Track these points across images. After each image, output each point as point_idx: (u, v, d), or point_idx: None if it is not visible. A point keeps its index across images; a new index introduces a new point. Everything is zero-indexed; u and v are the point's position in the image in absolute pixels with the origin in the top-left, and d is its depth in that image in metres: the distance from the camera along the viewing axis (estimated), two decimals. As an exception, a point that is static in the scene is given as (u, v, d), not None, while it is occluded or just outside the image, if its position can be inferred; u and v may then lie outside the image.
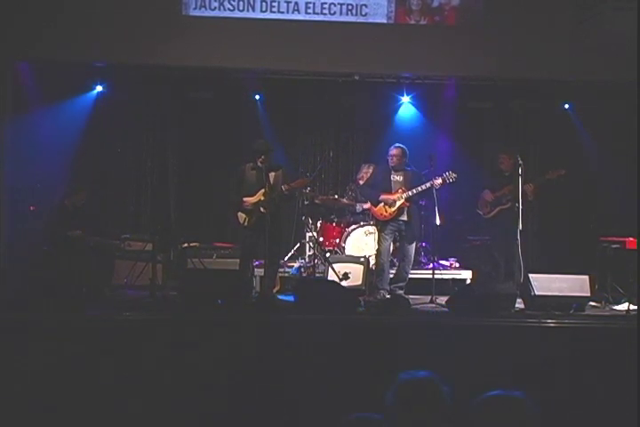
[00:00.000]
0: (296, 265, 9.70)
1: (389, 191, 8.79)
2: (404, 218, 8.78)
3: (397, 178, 8.85)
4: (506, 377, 6.09)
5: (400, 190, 8.74)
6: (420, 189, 8.66)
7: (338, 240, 9.85)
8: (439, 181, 8.62)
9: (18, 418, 5.48)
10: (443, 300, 8.28)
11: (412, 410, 3.12)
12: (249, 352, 6.07)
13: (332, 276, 8.79)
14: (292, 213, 10.11)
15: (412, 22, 9.79)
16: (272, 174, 8.21)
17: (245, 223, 8.22)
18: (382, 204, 8.79)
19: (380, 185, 8.86)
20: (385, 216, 8.79)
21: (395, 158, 8.79)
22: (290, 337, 6.35)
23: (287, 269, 9.55)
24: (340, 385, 5.93)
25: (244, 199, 8.21)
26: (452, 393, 3.24)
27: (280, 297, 8.14)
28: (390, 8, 9.72)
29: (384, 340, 6.35)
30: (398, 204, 8.71)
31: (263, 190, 8.14)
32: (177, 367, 5.96)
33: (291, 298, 7.99)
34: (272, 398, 5.81)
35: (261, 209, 8.13)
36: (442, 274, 9.38)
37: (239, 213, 8.26)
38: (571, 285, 8.07)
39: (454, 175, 8.68)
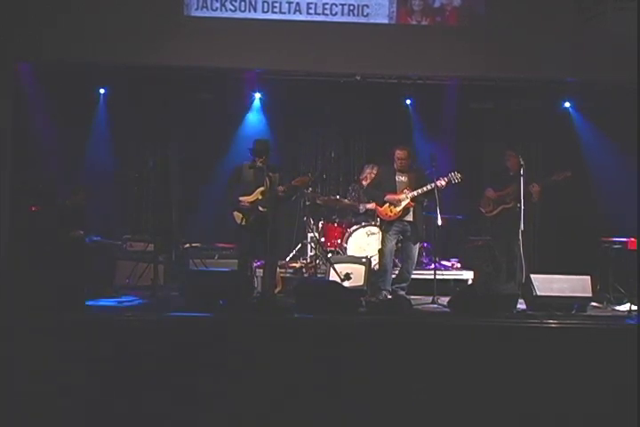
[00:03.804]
0: (297, 266, 9.71)
1: (394, 192, 8.78)
2: (410, 218, 8.77)
3: (402, 178, 8.83)
4: (507, 378, 6.10)
5: (405, 190, 8.73)
6: (425, 189, 8.64)
7: (339, 241, 9.85)
8: (444, 181, 8.61)
9: (18, 418, 5.49)
10: (444, 300, 8.28)
11: None
12: (249, 352, 6.08)
13: (333, 276, 8.78)
14: (293, 214, 10.10)
15: (414, 23, 9.80)
16: (271, 175, 8.21)
17: (243, 222, 8.22)
18: (388, 204, 8.78)
19: (385, 186, 8.86)
20: (390, 216, 8.78)
21: (402, 162, 8.77)
22: (291, 337, 6.35)
23: (289, 270, 9.56)
24: (340, 385, 5.94)
25: (241, 198, 8.22)
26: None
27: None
28: (392, 8, 9.73)
29: (385, 340, 6.35)
30: (404, 204, 8.71)
31: (262, 189, 8.15)
32: (177, 368, 5.97)
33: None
34: (272, 398, 5.82)
35: (260, 208, 8.14)
36: (443, 274, 9.39)
37: (235, 213, 8.26)
38: (572, 285, 8.06)
39: (459, 175, 8.67)
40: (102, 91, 10.72)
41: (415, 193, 8.68)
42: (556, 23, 9.55)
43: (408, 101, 11.12)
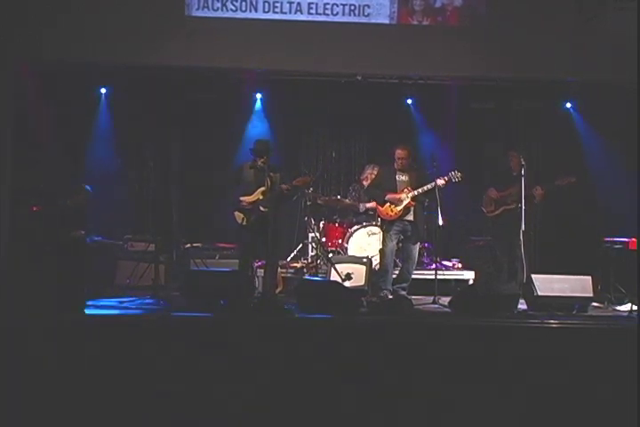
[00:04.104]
0: (298, 266, 9.70)
1: (395, 191, 8.78)
2: (410, 218, 8.78)
3: (403, 178, 8.85)
4: (508, 378, 6.09)
5: (406, 190, 8.74)
6: (425, 188, 8.65)
7: (340, 241, 9.85)
8: (445, 180, 8.62)
9: (19, 418, 5.48)
10: (445, 300, 8.28)
11: None
12: (250, 353, 6.07)
13: (334, 276, 8.78)
14: (294, 214, 10.10)
15: (415, 23, 9.79)
16: (272, 175, 8.21)
17: (244, 223, 8.22)
18: (388, 203, 8.78)
19: (386, 185, 8.86)
20: (391, 216, 8.78)
21: (402, 161, 8.78)
22: (292, 338, 6.35)
23: (290, 270, 9.55)
24: (341, 386, 5.93)
25: (242, 198, 8.22)
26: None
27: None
28: (393, 8, 9.72)
29: (386, 341, 6.34)
30: (404, 203, 8.71)
31: (262, 189, 8.14)
32: (178, 368, 5.96)
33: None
34: (272, 398, 5.82)
35: (261, 208, 8.14)
36: (444, 274, 9.40)
37: (236, 213, 8.26)
38: (573, 285, 8.07)
39: (460, 174, 8.69)
40: (103, 91, 10.72)
41: (416, 192, 8.69)
42: (556, 23, 9.55)
43: (409, 101, 11.11)
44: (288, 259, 9.94)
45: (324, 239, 9.83)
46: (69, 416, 5.56)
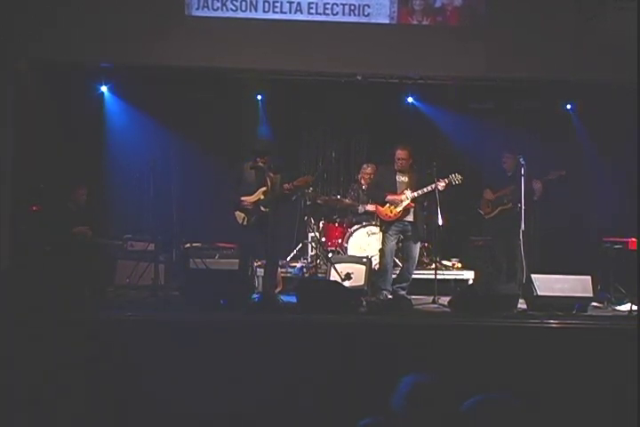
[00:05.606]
0: (298, 265, 9.70)
1: (395, 192, 8.78)
2: (410, 218, 8.78)
3: (403, 179, 8.85)
4: (508, 378, 6.09)
5: (406, 191, 8.73)
6: (425, 190, 8.65)
7: (340, 240, 9.86)
8: (445, 182, 8.62)
9: (19, 418, 5.49)
10: (445, 300, 8.28)
11: (423, 413, 3.10)
12: (250, 352, 6.07)
13: (334, 276, 8.79)
14: (294, 214, 10.10)
15: (415, 23, 9.78)
16: (272, 175, 8.22)
17: (244, 222, 8.23)
18: (388, 204, 8.78)
19: (385, 185, 8.86)
20: (390, 217, 8.79)
21: (402, 162, 8.77)
22: (291, 337, 6.35)
23: (290, 270, 9.56)
24: (341, 386, 5.93)
25: (243, 198, 8.22)
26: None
27: (282, 297, 8.13)
28: (393, 8, 9.71)
29: (386, 340, 6.34)
30: (404, 204, 8.71)
31: (263, 189, 8.15)
32: (178, 368, 5.97)
33: (293, 298, 7.98)
34: (271, 399, 5.82)
35: (262, 208, 8.14)
36: (444, 274, 9.39)
37: (237, 213, 8.26)
38: (573, 285, 8.07)
39: (460, 177, 8.69)
40: (102, 91, 10.72)
41: (415, 194, 8.68)
42: (556, 23, 9.54)
43: (410, 99, 11.10)
44: (288, 258, 9.94)
45: (323, 239, 9.84)
46: (70, 416, 5.56)
